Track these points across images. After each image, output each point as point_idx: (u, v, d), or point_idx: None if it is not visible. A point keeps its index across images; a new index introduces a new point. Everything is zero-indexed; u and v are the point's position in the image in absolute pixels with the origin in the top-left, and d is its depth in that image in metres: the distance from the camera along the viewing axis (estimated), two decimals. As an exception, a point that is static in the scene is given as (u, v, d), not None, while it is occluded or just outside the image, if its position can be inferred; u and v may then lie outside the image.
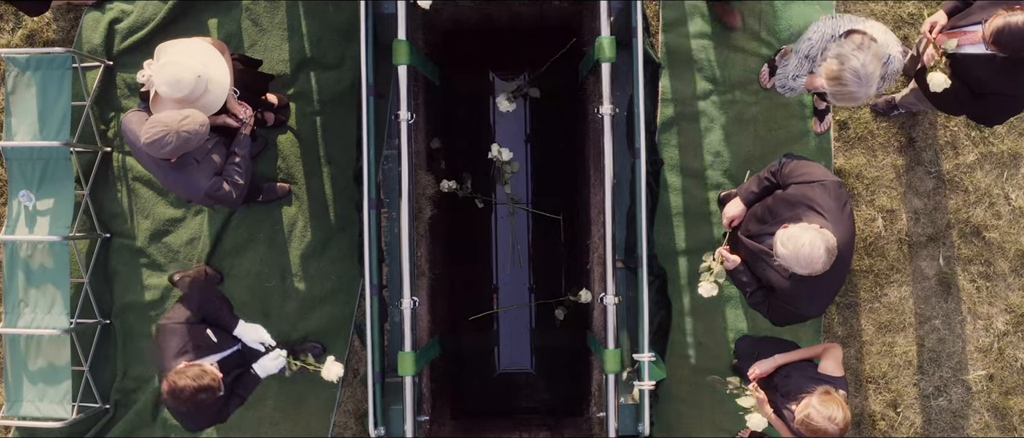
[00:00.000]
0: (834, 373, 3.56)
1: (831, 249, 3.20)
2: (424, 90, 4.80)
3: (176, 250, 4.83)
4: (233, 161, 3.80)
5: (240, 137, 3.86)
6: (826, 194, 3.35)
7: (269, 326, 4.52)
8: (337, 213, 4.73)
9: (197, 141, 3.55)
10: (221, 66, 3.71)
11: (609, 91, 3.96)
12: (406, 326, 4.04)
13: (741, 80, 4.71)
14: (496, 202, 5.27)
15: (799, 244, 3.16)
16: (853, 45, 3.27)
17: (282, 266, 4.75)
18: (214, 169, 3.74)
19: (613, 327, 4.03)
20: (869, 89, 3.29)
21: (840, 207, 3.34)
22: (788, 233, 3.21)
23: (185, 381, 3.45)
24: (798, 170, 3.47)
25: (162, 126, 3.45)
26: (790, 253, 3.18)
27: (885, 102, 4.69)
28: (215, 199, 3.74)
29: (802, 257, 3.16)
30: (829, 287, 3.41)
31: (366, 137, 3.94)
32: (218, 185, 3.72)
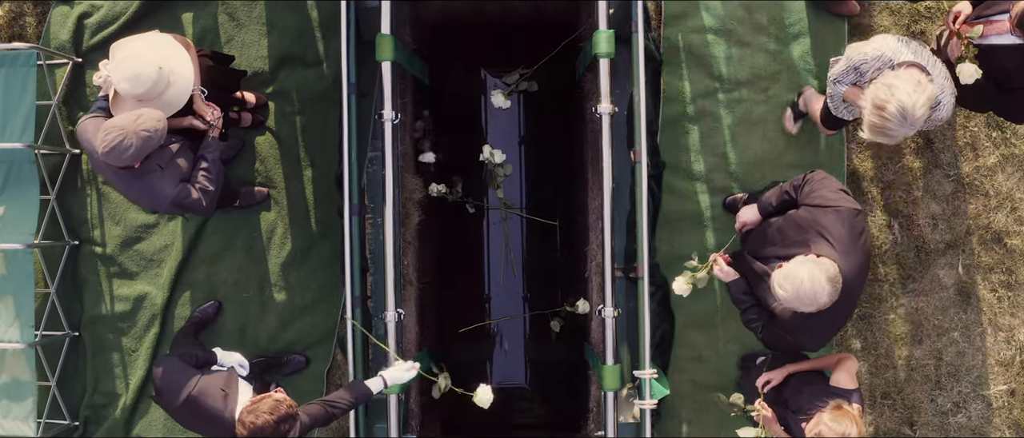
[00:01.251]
0: (847, 386, 3.42)
1: (834, 278, 3.04)
2: (412, 89, 4.71)
3: (149, 258, 4.71)
4: (201, 166, 3.66)
5: (209, 140, 3.71)
6: (839, 222, 3.18)
7: (246, 339, 4.60)
8: (318, 219, 4.61)
9: (158, 139, 3.40)
10: (183, 60, 3.56)
11: (608, 89, 3.84)
12: (391, 340, 3.91)
13: (748, 77, 4.59)
14: (488, 207, 5.18)
15: (797, 281, 3.01)
16: (909, 80, 3.09)
17: (260, 275, 4.63)
18: (180, 175, 3.59)
19: (612, 341, 3.91)
20: (909, 131, 3.12)
21: (854, 238, 3.17)
22: (784, 272, 3.05)
23: (263, 418, 3.25)
24: (817, 191, 3.30)
25: (118, 130, 3.29)
26: (791, 293, 3.02)
27: None
28: (183, 207, 3.59)
29: (804, 294, 3.01)
30: (832, 321, 3.25)
31: (346, 138, 3.83)
32: (185, 192, 3.58)
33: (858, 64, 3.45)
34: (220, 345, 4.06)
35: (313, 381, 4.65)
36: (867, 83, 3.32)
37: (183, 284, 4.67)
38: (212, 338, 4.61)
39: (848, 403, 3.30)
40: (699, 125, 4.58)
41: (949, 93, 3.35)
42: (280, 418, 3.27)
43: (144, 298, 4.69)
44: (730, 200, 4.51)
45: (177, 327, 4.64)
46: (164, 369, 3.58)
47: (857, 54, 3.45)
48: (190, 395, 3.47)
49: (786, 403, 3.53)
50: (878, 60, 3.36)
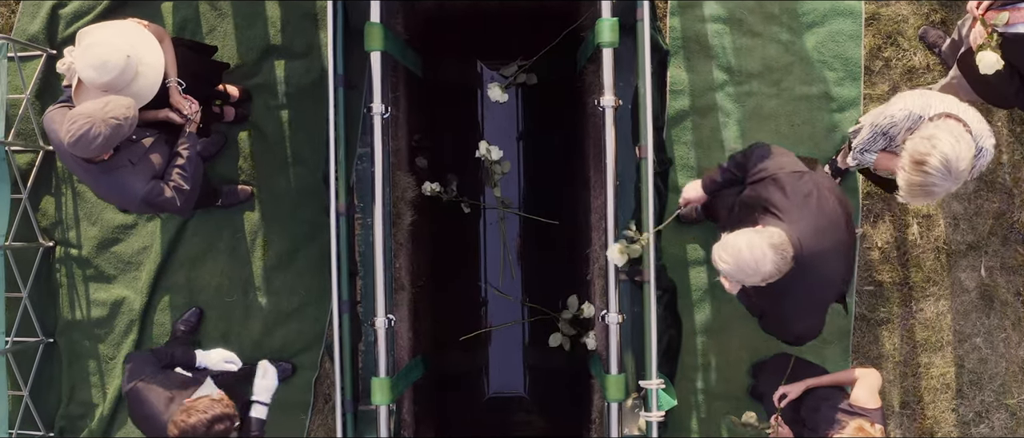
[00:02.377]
0: (868, 404, 3.28)
1: (778, 245, 2.88)
2: (405, 82, 4.54)
3: (127, 260, 4.62)
4: (176, 163, 3.52)
5: (185, 135, 3.56)
6: (779, 190, 3.05)
7: (229, 345, 4.47)
8: (305, 219, 4.53)
9: (129, 128, 3.25)
10: (153, 48, 3.43)
11: (611, 80, 3.70)
12: (380, 348, 3.79)
13: (759, 70, 4.49)
14: (485, 207, 5.06)
15: (736, 250, 2.89)
16: (950, 131, 2.95)
17: (244, 278, 4.55)
18: (152, 171, 3.45)
19: (617, 349, 3.77)
20: (953, 185, 2.97)
21: (800, 201, 3.02)
22: (723, 242, 2.95)
23: (195, 417, 3.14)
24: (756, 167, 3.18)
25: (85, 118, 3.14)
26: (731, 264, 2.90)
27: None
28: (154, 206, 3.46)
29: (745, 263, 2.88)
30: (805, 295, 3.06)
31: (333, 133, 3.69)
32: (157, 190, 3.44)
33: (887, 129, 3.29)
34: None
35: (300, 390, 4.55)
36: (900, 146, 3.17)
37: (162, 288, 4.59)
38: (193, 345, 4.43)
39: (870, 424, 3.17)
40: (707, 120, 4.50)
41: (988, 135, 3.21)
42: (214, 417, 3.16)
43: (122, 303, 4.60)
44: None
45: (157, 333, 4.57)
46: (132, 364, 3.50)
47: (883, 119, 3.28)
48: (136, 389, 3.37)
49: (804, 421, 3.38)
50: (908, 119, 3.21)
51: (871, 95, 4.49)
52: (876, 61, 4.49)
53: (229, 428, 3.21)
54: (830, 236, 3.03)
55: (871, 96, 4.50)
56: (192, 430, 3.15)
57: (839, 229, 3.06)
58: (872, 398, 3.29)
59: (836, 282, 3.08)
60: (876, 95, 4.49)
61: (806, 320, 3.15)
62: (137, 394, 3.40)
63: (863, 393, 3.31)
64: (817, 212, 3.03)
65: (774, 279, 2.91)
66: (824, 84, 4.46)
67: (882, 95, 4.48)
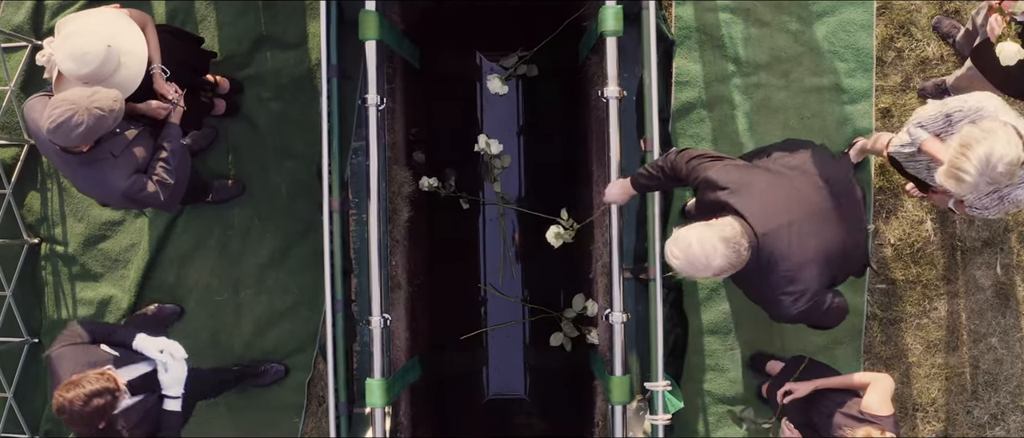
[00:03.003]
0: (880, 411, 3.20)
1: (730, 238, 2.82)
2: (401, 73, 4.48)
3: (114, 258, 4.55)
4: (160, 156, 3.43)
5: (169, 127, 3.48)
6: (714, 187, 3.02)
7: (220, 346, 4.45)
8: (298, 215, 4.46)
9: (113, 121, 3.16)
10: (135, 37, 3.34)
11: (615, 70, 3.63)
12: (376, 348, 3.70)
13: (768, 60, 4.42)
14: (484, 202, 4.99)
15: (686, 244, 2.83)
16: (1008, 134, 2.91)
17: (235, 277, 4.49)
18: (135, 165, 3.36)
19: (621, 349, 3.69)
20: (981, 182, 2.91)
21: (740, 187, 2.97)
22: (673, 238, 2.89)
23: (73, 391, 3.00)
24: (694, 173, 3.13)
25: (69, 105, 3.04)
26: (682, 259, 2.84)
27: (934, 86, 4.35)
28: (136, 202, 3.37)
29: (695, 258, 2.82)
30: (775, 277, 2.95)
31: (326, 125, 3.62)
32: (139, 185, 3.34)
33: (952, 111, 3.23)
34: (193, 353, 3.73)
35: (293, 392, 4.49)
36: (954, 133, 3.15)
37: (151, 287, 4.52)
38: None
39: (880, 431, 3.10)
40: (714, 112, 4.43)
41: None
42: (92, 393, 3.01)
43: (109, 302, 4.53)
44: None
45: None
46: (67, 330, 3.41)
47: (954, 103, 3.24)
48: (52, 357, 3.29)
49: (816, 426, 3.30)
50: (975, 113, 3.16)
51: (883, 87, 4.42)
52: (888, 51, 4.43)
53: (110, 404, 3.06)
54: (785, 208, 2.95)
55: (883, 88, 4.43)
56: (69, 405, 3.01)
57: (800, 199, 2.99)
58: (884, 404, 3.22)
59: (809, 252, 2.96)
60: (889, 86, 4.42)
61: (784, 302, 3.01)
62: (52, 362, 3.28)
63: (875, 399, 3.24)
64: (765, 190, 2.98)
65: (730, 273, 2.87)
66: (835, 75, 4.40)
67: (895, 87, 4.42)
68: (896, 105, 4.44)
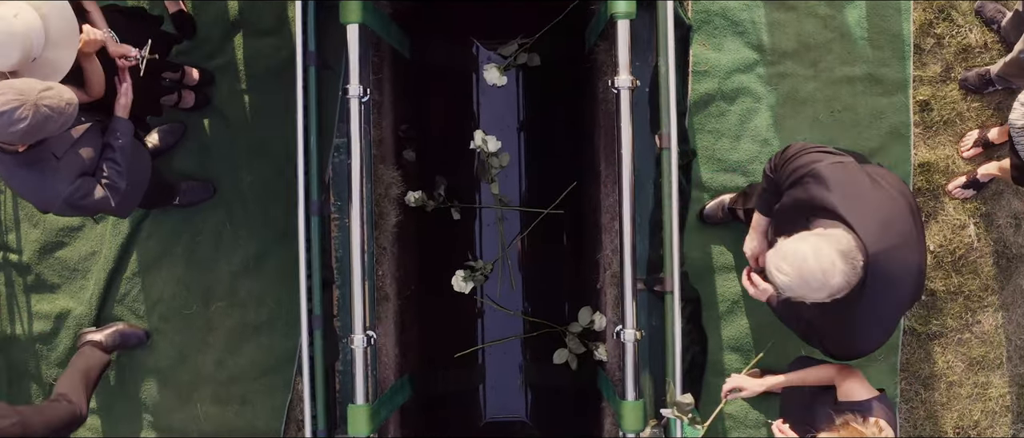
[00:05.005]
0: (859, 395, 2.94)
1: (847, 252, 2.54)
2: (390, 63, 4.35)
3: (72, 267, 4.38)
4: (107, 155, 3.19)
5: (116, 121, 3.23)
6: (822, 186, 2.72)
7: (187, 365, 4.30)
8: (275, 220, 4.32)
9: (60, 125, 2.90)
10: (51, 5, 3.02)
11: (627, 57, 3.48)
12: (358, 371, 3.53)
13: (794, 48, 4.28)
14: (481, 207, 4.90)
15: (800, 259, 2.53)
16: None
17: (205, 287, 4.34)
18: (81, 168, 3.11)
19: (633, 371, 3.51)
20: None
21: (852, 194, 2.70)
22: (781, 251, 2.59)
23: None
24: (788, 168, 2.86)
25: (15, 94, 2.79)
26: (793, 276, 2.55)
27: (978, 76, 4.19)
28: (82, 209, 3.13)
29: (811, 276, 2.52)
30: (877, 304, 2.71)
31: (302, 118, 3.50)
32: (84, 190, 3.10)
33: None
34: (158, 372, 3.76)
35: (270, 416, 4.32)
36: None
37: (113, 299, 4.36)
38: (140, 373, 4.33)
39: (862, 418, 2.85)
40: (735, 105, 4.29)
41: None
42: None
43: (66, 316, 4.36)
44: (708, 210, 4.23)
45: None
46: None
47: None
48: None
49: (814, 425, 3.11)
50: None
51: (921, 77, 4.25)
52: (927, 38, 4.26)
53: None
54: (897, 228, 2.69)
55: (921, 78, 4.26)
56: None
57: (904, 218, 2.73)
58: (862, 388, 2.97)
59: (910, 282, 2.73)
60: (927, 77, 4.25)
61: (875, 334, 2.81)
62: None
63: (851, 385, 3.00)
64: (876, 203, 2.70)
65: (843, 294, 2.57)
66: (868, 64, 4.24)
67: (934, 77, 4.25)
68: (936, 97, 4.27)
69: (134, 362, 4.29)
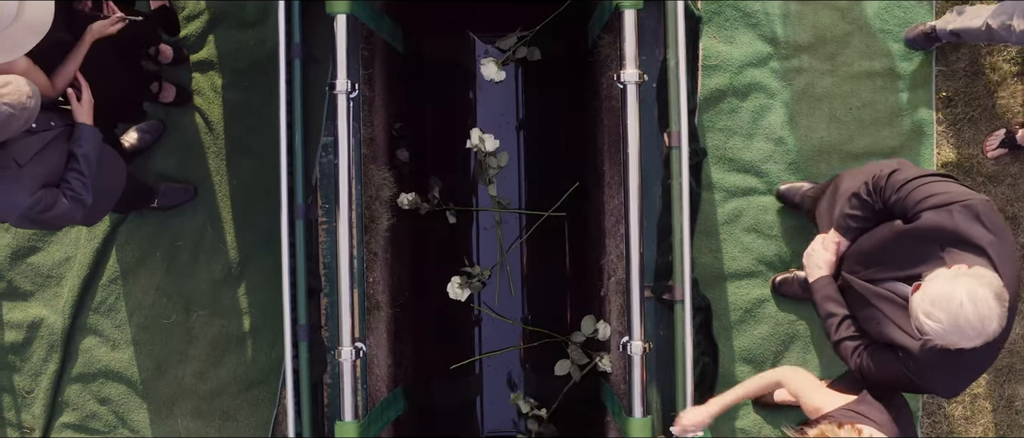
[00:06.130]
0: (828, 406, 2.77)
1: (1001, 295, 2.42)
2: (382, 58, 4.28)
3: (46, 274, 4.34)
4: (73, 166, 3.06)
5: (80, 127, 3.11)
6: (975, 221, 2.59)
7: (166, 378, 4.24)
8: (259, 224, 4.29)
9: (22, 122, 2.79)
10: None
11: (634, 49, 3.37)
12: (346, 385, 3.42)
13: (810, 41, 4.22)
14: (478, 210, 4.82)
15: (955, 304, 2.38)
16: None
17: (185, 295, 4.30)
18: (45, 177, 2.97)
19: (640, 386, 3.39)
20: None
21: (1001, 233, 2.61)
22: (931, 295, 2.44)
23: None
24: (921, 190, 2.73)
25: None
26: (947, 323, 2.40)
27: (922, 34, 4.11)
28: (41, 223, 3.00)
29: (966, 323, 2.38)
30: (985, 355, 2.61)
31: (284, 114, 3.37)
32: (47, 202, 2.96)
33: None
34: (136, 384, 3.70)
35: (255, 431, 4.30)
36: None
37: (88, 307, 4.32)
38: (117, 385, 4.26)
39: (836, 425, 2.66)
40: (748, 101, 4.23)
41: None
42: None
43: (40, 324, 4.32)
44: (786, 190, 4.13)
45: (82, 360, 4.28)
46: None
47: None
48: None
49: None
50: None
51: (945, 71, 4.17)
52: None
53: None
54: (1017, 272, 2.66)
55: (945, 73, 4.18)
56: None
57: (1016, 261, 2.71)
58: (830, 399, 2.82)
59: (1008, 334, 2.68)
60: (952, 71, 4.16)
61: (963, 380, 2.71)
62: None
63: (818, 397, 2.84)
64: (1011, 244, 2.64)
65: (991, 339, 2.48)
66: (889, 58, 4.17)
67: (959, 71, 4.16)
68: (960, 93, 4.18)
69: (111, 374, 4.24)
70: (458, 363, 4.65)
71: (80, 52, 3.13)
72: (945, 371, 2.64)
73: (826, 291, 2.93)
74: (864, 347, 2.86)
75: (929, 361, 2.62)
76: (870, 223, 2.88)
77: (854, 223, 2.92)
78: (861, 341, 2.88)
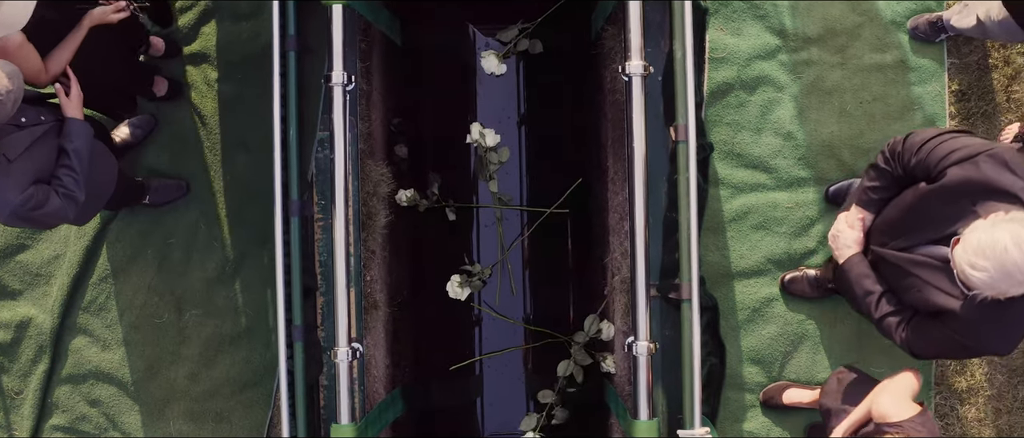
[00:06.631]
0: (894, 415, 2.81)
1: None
2: (380, 51, 4.24)
3: (34, 272, 4.29)
4: (64, 162, 3.00)
5: (70, 122, 3.06)
6: (1002, 169, 2.60)
7: (158, 379, 4.20)
8: (254, 221, 4.26)
9: (8, 108, 2.73)
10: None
11: (639, 40, 3.31)
12: (342, 387, 3.36)
13: (819, 33, 4.18)
14: (478, 207, 4.80)
15: (999, 250, 2.41)
16: None
17: (178, 294, 4.27)
18: (36, 173, 2.91)
19: (646, 387, 3.32)
20: None
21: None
22: (974, 244, 2.46)
23: None
24: (942, 147, 2.74)
25: None
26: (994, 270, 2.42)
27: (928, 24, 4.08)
28: (31, 222, 2.94)
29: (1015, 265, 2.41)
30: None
31: (278, 107, 3.29)
32: (38, 200, 2.90)
33: None
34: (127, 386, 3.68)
35: (250, 434, 4.25)
36: None
37: (78, 307, 4.28)
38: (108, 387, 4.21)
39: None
40: (756, 95, 4.20)
41: None
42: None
43: (28, 324, 4.27)
44: (834, 189, 4.08)
45: (72, 361, 4.23)
46: None
47: None
48: None
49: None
50: None
51: (958, 65, 4.12)
52: None
53: None
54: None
55: (958, 66, 4.13)
56: None
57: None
58: (897, 407, 2.84)
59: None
60: (964, 64, 4.11)
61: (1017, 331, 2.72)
62: None
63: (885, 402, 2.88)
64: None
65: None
66: (900, 51, 4.14)
67: (971, 64, 4.12)
68: (973, 87, 4.13)
69: (102, 375, 4.20)
70: (458, 364, 4.61)
71: (77, 37, 3.08)
72: (998, 326, 2.63)
73: (859, 269, 2.91)
74: (908, 320, 2.86)
75: (980, 317, 2.61)
76: (892, 192, 2.87)
77: (875, 194, 2.91)
78: (904, 314, 2.88)
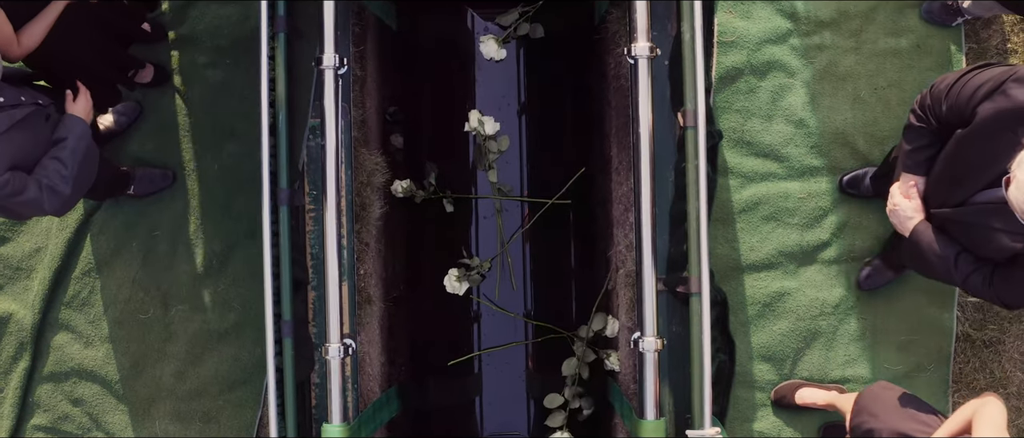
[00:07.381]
0: None
1: None
2: (375, 36, 4.17)
3: (15, 266, 4.24)
4: (58, 154, 2.94)
5: (70, 119, 3.01)
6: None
7: (143, 377, 4.15)
8: (242, 212, 4.21)
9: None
10: None
11: (646, 21, 3.23)
12: (334, 385, 3.27)
13: (832, 16, 4.12)
14: (477, 198, 4.74)
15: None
16: None
17: (164, 289, 4.22)
18: (11, 158, 2.83)
19: (653, 386, 3.24)
20: None
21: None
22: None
23: None
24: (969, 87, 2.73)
25: None
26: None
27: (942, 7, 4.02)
28: (6, 210, 2.85)
29: None
30: None
31: (265, 93, 3.22)
32: (15, 187, 2.81)
33: None
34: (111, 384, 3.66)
35: (239, 431, 4.18)
36: None
37: (60, 302, 4.22)
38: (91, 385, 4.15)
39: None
40: (766, 80, 4.14)
41: None
42: None
43: (8, 320, 4.22)
44: (848, 178, 4.03)
45: (54, 358, 4.17)
46: None
47: None
48: None
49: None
50: None
51: (976, 49, 4.04)
52: None
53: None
54: None
55: (976, 50, 4.05)
56: None
57: None
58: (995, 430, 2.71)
59: None
60: (983, 50, 4.03)
61: None
62: None
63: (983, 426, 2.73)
64: None
65: None
66: (915, 35, 4.06)
67: (990, 49, 4.04)
68: None
69: (84, 373, 4.14)
70: (456, 360, 4.57)
71: (53, 10, 2.99)
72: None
73: (927, 236, 2.87)
74: (990, 274, 2.84)
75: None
76: (935, 148, 2.85)
77: (920, 155, 2.90)
78: (985, 270, 2.86)
